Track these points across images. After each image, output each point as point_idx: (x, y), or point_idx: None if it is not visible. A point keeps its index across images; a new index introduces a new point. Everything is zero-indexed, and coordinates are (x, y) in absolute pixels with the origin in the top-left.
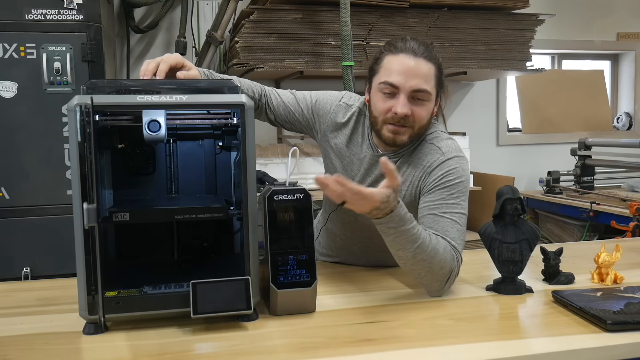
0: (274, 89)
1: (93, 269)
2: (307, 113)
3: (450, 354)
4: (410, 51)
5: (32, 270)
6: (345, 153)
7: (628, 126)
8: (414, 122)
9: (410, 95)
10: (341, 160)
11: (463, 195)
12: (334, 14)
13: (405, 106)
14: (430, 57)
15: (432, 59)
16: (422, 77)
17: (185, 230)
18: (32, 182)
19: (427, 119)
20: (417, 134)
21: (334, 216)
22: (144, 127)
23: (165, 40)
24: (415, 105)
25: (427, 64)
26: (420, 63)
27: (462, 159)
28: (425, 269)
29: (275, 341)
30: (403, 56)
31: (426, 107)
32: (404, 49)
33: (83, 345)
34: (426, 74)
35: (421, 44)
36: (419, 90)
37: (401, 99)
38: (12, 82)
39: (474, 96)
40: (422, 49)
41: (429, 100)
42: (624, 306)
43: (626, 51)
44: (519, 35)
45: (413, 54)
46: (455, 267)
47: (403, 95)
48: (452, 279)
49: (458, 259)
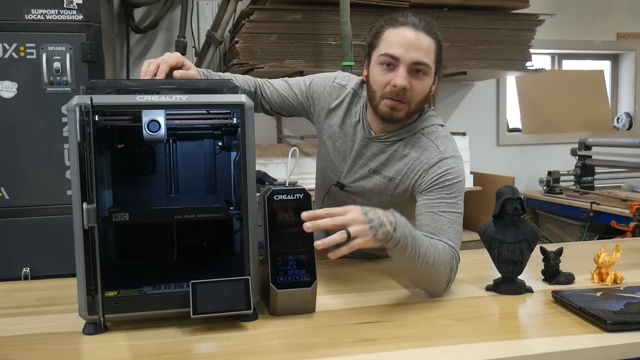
0: (267, 80)
1: (93, 269)
2: (302, 97)
3: (450, 354)
4: (411, 24)
5: (32, 271)
6: (338, 134)
7: (628, 126)
8: (412, 97)
9: (410, 68)
10: (333, 141)
11: (460, 195)
12: (334, 14)
13: (404, 78)
14: (431, 32)
15: (432, 34)
16: (423, 50)
17: (185, 230)
18: (32, 182)
19: (424, 94)
20: (414, 111)
21: (327, 200)
22: (143, 127)
23: (165, 40)
24: (415, 79)
25: (428, 38)
26: (421, 36)
27: (459, 159)
28: (430, 273)
29: (275, 341)
30: (404, 29)
31: (424, 82)
32: (405, 23)
33: (83, 346)
34: (427, 48)
35: (422, 19)
36: (419, 62)
37: (401, 71)
38: (12, 82)
39: (474, 96)
40: (422, 24)
41: (427, 74)
42: (624, 306)
43: (626, 51)
44: (519, 35)
45: (414, 27)
46: (455, 265)
47: (403, 67)
48: (452, 279)
49: (456, 257)
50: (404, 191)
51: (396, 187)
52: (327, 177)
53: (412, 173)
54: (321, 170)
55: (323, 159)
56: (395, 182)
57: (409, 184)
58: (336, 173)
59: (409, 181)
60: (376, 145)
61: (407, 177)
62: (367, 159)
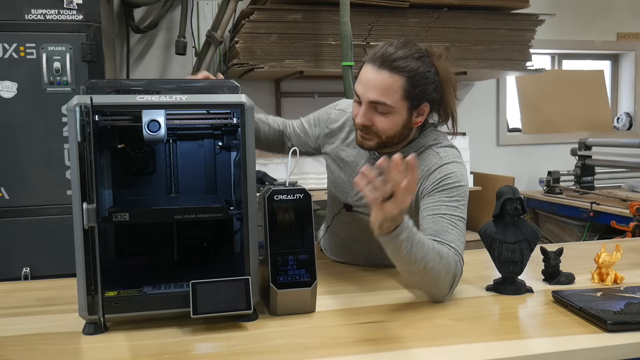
0: (292, 120)
1: (93, 269)
2: (311, 131)
3: (450, 354)
4: (377, 61)
5: (32, 271)
6: (342, 155)
7: (628, 126)
8: (377, 131)
9: (371, 106)
10: (338, 163)
11: (463, 199)
12: (334, 14)
13: (362, 116)
14: (399, 68)
15: (400, 71)
16: (380, 90)
17: (185, 230)
18: (32, 182)
19: (393, 129)
20: (391, 139)
21: (337, 218)
22: (143, 127)
23: (165, 40)
24: (377, 116)
25: (392, 77)
26: (382, 75)
27: (460, 165)
28: (433, 277)
29: (275, 341)
30: (367, 66)
31: (389, 119)
32: (373, 59)
33: (83, 346)
34: (386, 87)
35: (398, 52)
36: (376, 102)
37: (362, 109)
38: (12, 82)
39: (474, 96)
40: (391, 59)
41: (390, 112)
42: (624, 306)
43: (626, 51)
44: (519, 35)
45: (378, 64)
46: (459, 271)
47: (364, 104)
48: (456, 283)
49: (460, 262)
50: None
51: None
52: (336, 200)
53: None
54: (330, 196)
55: (331, 185)
56: None
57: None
58: (343, 194)
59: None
60: None
61: None
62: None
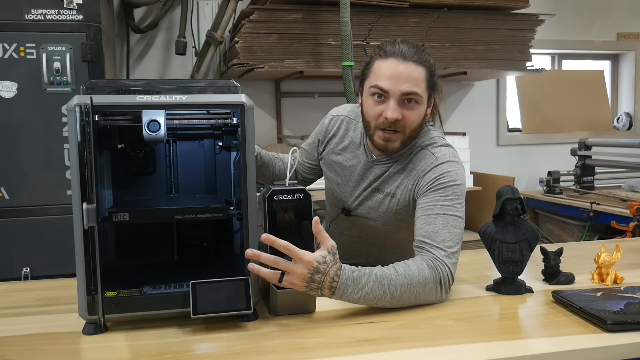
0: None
1: (93, 269)
2: (312, 150)
3: (450, 354)
4: (399, 55)
5: (32, 271)
6: (339, 161)
7: (628, 126)
8: (405, 127)
9: (401, 99)
10: (334, 168)
11: (458, 198)
12: (334, 14)
13: (395, 111)
14: (420, 60)
15: (422, 62)
16: (412, 80)
17: (185, 230)
18: (32, 182)
19: (418, 122)
20: (410, 138)
21: (336, 223)
22: (143, 127)
23: (165, 40)
24: (406, 109)
25: (417, 68)
26: (410, 67)
27: (457, 164)
28: (411, 297)
29: (275, 341)
30: (392, 60)
31: (417, 111)
32: (393, 53)
33: (83, 346)
34: (416, 78)
35: (411, 46)
36: (409, 93)
37: (391, 104)
38: (12, 82)
39: (474, 96)
40: (411, 52)
41: (420, 103)
42: (624, 306)
43: (626, 51)
44: (519, 35)
45: (402, 57)
46: (444, 272)
47: (393, 99)
48: (445, 286)
49: (443, 263)
50: (406, 206)
51: (398, 202)
52: (334, 206)
53: (410, 184)
54: (328, 202)
55: (329, 191)
56: (396, 198)
57: (408, 196)
58: (342, 199)
59: (407, 192)
60: (379, 168)
61: (406, 189)
62: (370, 182)
